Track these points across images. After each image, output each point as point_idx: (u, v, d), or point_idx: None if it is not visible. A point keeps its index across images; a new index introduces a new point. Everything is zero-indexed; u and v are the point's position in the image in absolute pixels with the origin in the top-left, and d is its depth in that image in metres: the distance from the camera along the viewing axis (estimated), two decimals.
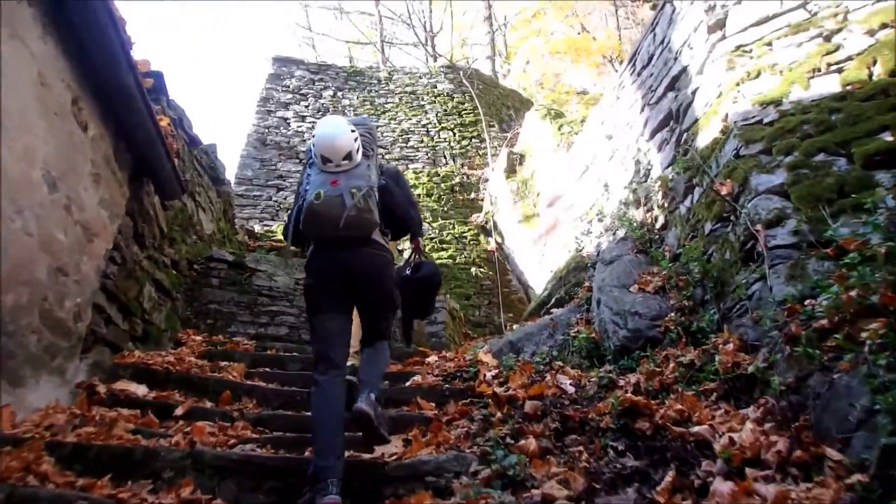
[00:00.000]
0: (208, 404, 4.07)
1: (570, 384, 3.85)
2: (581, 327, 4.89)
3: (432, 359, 5.63)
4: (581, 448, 3.05)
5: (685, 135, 4.95)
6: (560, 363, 4.40)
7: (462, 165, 14.61)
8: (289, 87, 15.47)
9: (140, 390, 3.95)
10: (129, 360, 4.37)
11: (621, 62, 18.24)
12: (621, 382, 3.72)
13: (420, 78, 16.46)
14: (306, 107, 15.17)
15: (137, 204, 4.90)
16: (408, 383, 4.64)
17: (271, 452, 3.29)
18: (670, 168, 5.06)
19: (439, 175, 14.12)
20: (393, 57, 25.33)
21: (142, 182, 4.96)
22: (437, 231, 12.74)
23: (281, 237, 12.40)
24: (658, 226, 5.11)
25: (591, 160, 6.85)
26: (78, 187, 3.81)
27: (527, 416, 3.47)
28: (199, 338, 5.79)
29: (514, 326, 7.83)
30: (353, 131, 3.05)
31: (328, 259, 3.00)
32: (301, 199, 3.03)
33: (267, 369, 4.97)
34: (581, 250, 6.88)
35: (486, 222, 13.00)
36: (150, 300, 5.16)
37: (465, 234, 12.69)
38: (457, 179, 14.10)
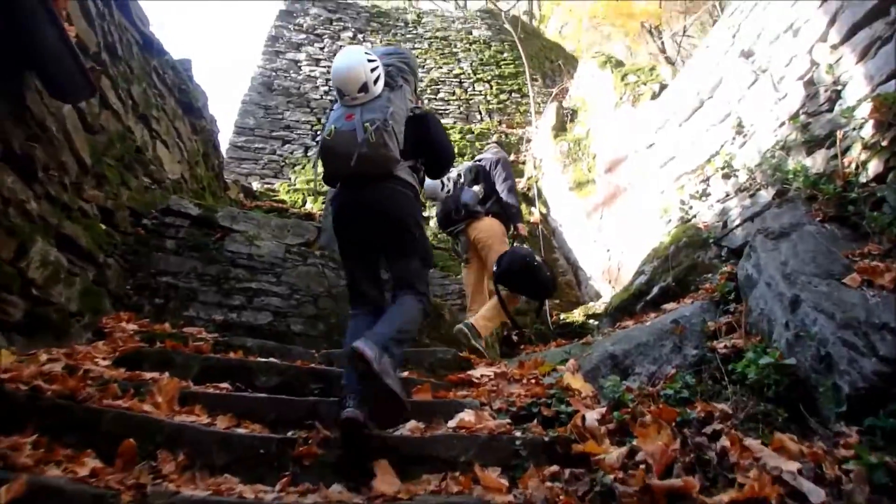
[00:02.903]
0: (88, 465, 2.16)
1: (800, 474, 1.90)
2: (737, 340, 2.91)
3: (482, 373, 3.70)
4: None
5: None
6: (725, 409, 2.44)
7: (500, 123, 12.54)
8: (302, 26, 13.39)
9: None
10: None
11: (660, 32, 16.66)
12: None
13: (453, 22, 14.34)
14: (321, 49, 13.10)
15: (12, 108, 2.98)
16: (452, 423, 2.70)
17: None
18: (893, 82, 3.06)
19: (473, 133, 12.04)
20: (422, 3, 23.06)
21: (20, 76, 3.04)
22: None
23: (284, 198, 10.62)
24: (868, 176, 3.09)
25: (708, 93, 4.79)
26: None
27: None
28: (132, 326, 3.88)
29: (564, 316, 5.88)
30: (371, 61, 2.88)
31: (345, 197, 2.89)
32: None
33: (218, 389, 3.07)
34: (690, 220, 4.89)
35: (529, 189, 10.97)
36: (44, 266, 3.26)
37: None
38: (494, 138, 11.99)
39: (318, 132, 11.71)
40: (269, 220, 5.15)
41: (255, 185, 10.47)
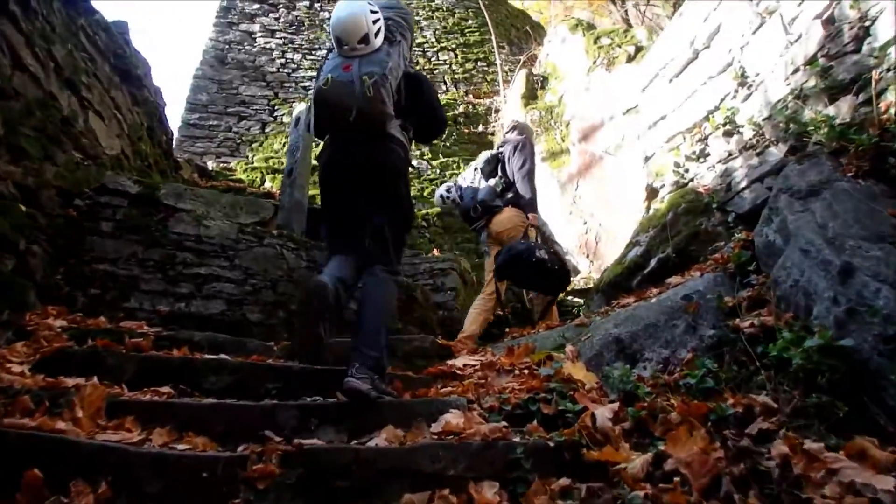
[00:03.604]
0: None
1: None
2: (766, 317, 2.50)
3: (465, 362, 3.27)
4: None
5: None
6: (767, 402, 2.03)
7: (466, 93, 12.03)
8: None
9: None
10: None
11: (624, 1, 16.24)
12: None
13: None
14: (276, 19, 12.38)
15: None
16: (436, 428, 2.25)
17: None
18: None
19: None
20: None
21: None
22: (438, 171, 10.25)
23: (242, 177, 10.00)
24: None
25: (703, 42, 4.32)
26: None
27: None
28: (60, 322, 3.34)
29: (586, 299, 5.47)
30: (374, 12, 2.76)
31: (336, 151, 2.79)
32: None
33: (158, 394, 2.58)
34: (686, 183, 4.46)
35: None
36: None
37: None
38: (460, 109, 11.55)
39: (276, 106, 11.09)
40: (219, 198, 4.60)
41: (211, 165, 9.83)
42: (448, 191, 5.64)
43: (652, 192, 5.02)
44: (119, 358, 2.82)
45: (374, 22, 2.75)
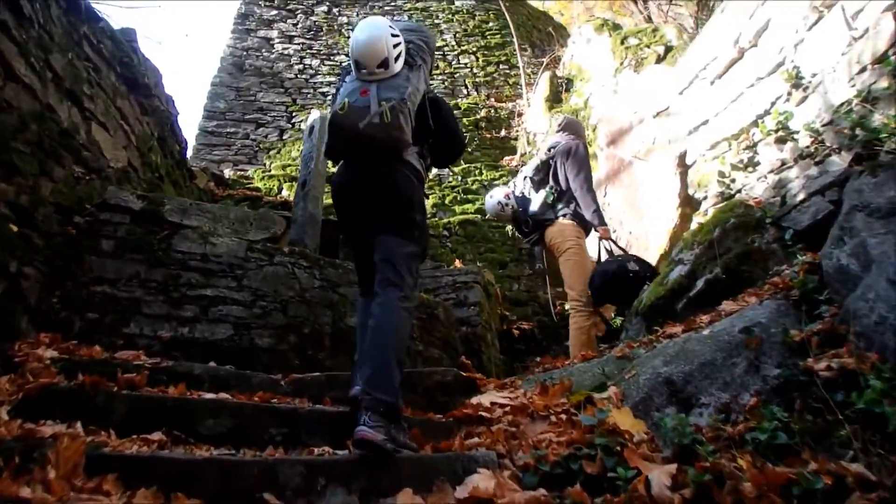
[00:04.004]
0: None
1: None
2: (846, 360, 2.14)
3: (493, 400, 2.94)
4: None
5: None
6: (862, 472, 1.68)
7: (488, 97, 11.66)
8: (273, 1, 12.47)
9: None
10: None
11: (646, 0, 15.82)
12: None
13: None
14: (294, 25, 12.17)
15: None
16: (461, 493, 1.91)
17: None
18: None
19: (460, 108, 11.13)
20: None
21: None
22: (459, 178, 9.91)
23: (259, 185, 9.76)
24: None
25: (750, 39, 3.92)
26: None
27: None
28: (50, 353, 3.07)
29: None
30: (394, 36, 2.69)
31: (347, 175, 2.72)
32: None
33: (148, 442, 2.30)
34: (733, 195, 4.10)
35: (523, 166, 10.17)
36: None
37: (495, 181, 9.62)
38: (482, 113, 11.17)
39: (294, 113, 10.86)
40: (227, 212, 4.32)
41: (228, 173, 9.61)
42: (507, 198, 5.34)
43: (687, 200, 4.66)
44: (109, 397, 2.54)
45: (395, 46, 2.68)
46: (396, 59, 2.68)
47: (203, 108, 10.63)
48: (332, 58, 11.69)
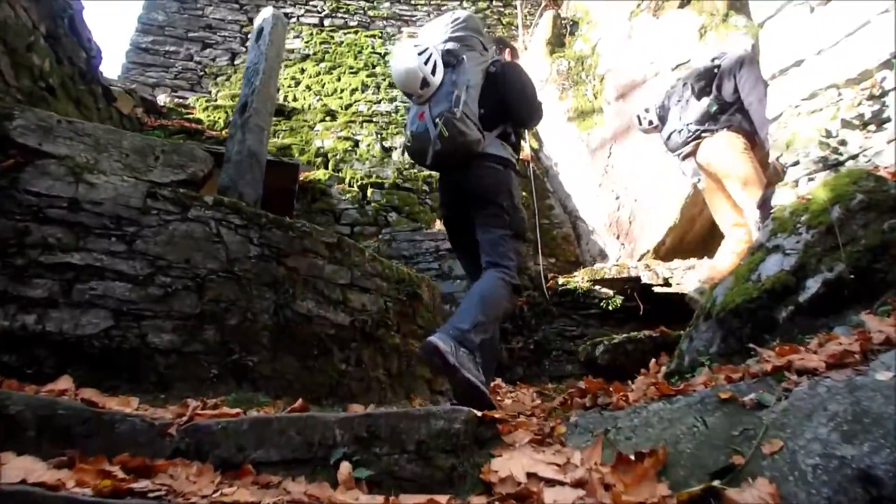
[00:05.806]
0: None
1: None
2: None
3: (530, 470, 1.68)
4: None
5: None
6: None
7: None
8: None
9: None
10: None
11: None
12: None
13: None
14: None
15: None
16: None
17: None
18: None
19: None
20: None
21: None
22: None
23: (200, 117, 8.23)
24: None
25: None
26: None
27: None
28: None
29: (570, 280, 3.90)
30: (422, 53, 2.71)
31: (442, 180, 2.92)
32: None
33: None
34: (841, 163, 2.93)
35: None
36: None
37: None
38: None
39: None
40: (119, 138, 2.88)
41: (164, 99, 8.06)
42: (646, 110, 4.88)
43: (776, 172, 3.46)
44: None
45: (426, 62, 2.71)
46: (433, 72, 2.71)
47: (137, 19, 8.92)
48: None
